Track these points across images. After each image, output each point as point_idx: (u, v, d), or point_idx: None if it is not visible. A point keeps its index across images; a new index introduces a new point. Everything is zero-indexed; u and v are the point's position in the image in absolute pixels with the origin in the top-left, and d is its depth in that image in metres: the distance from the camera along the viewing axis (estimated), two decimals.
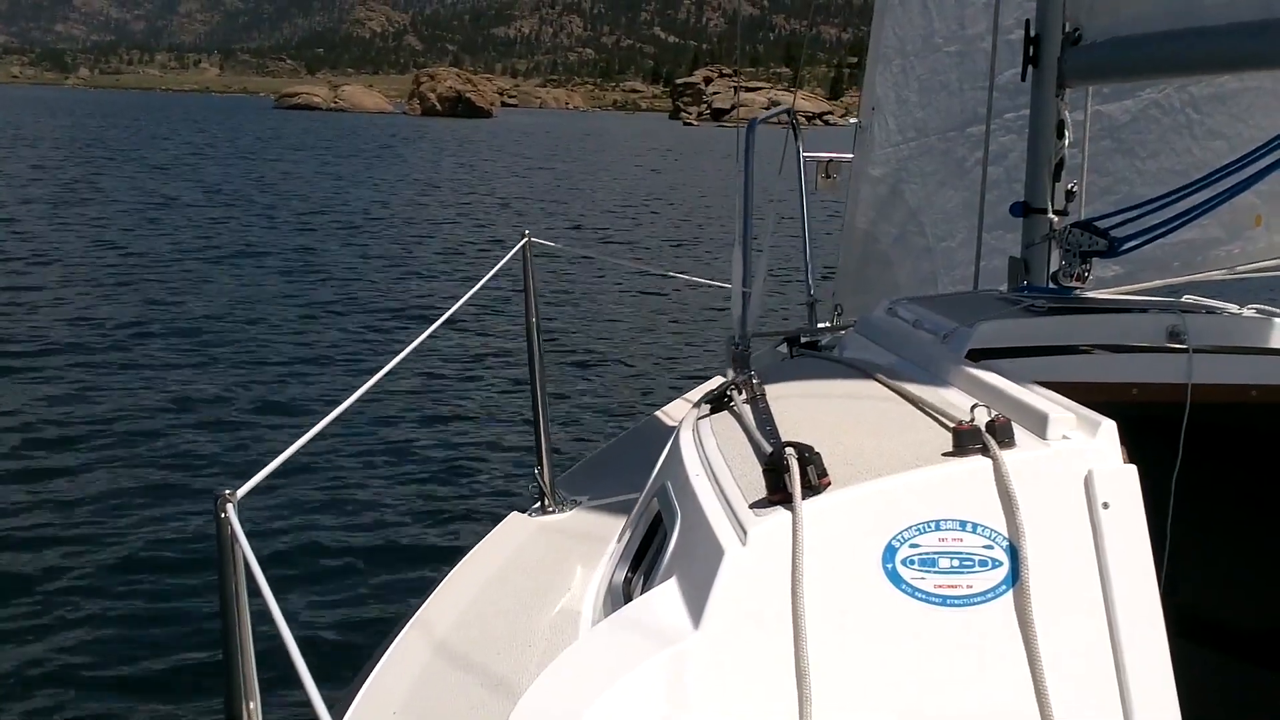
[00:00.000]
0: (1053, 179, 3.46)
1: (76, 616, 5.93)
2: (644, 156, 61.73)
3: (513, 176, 42.15)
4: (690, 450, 2.31)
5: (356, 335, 12.87)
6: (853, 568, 1.76)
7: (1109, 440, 1.87)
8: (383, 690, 2.50)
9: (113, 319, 12.96)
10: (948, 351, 2.53)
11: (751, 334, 3.85)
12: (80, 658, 5.54)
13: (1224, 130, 4.54)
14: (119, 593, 6.21)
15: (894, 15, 5.29)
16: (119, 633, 5.79)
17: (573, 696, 1.72)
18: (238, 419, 9.40)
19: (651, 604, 1.91)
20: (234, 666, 1.91)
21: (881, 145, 5.42)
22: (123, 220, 22.40)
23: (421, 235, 22.37)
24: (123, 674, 5.44)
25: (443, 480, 8.25)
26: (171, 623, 5.90)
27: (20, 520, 7.10)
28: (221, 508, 1.88)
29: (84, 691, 5.28)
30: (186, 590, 6.20)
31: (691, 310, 15.10)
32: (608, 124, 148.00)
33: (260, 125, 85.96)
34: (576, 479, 3.99)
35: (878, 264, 5.55)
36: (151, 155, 45.27)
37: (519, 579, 3.03)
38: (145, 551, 6.72)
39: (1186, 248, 4.47)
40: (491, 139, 77.57)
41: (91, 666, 5.47)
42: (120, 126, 70.92)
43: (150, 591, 6.23)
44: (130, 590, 6.24)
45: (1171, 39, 3.04)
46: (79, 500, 7.48)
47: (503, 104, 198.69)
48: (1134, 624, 1.75)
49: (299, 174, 37.24)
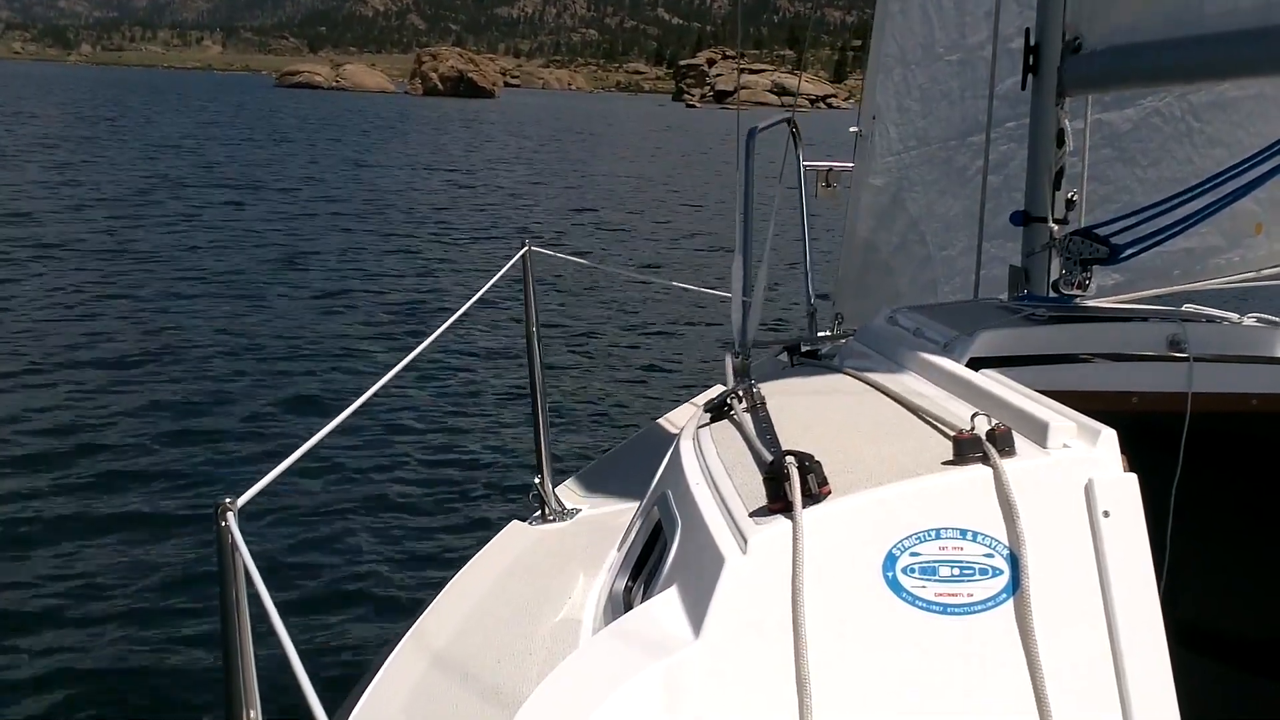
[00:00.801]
0: (1053, 187, 3.46)
1: (76, 623, 5.93)
2: (646, 138, 61.50)
3: (517, 161, 42.06)
4: (690, 459, 2.31)
5: (355, 343, 12.85)
6: (853, 576, 1.76)
7: (1109, 449, 1.87)
8: (383, 699, 2.50)
9: (107, 327, 12.91)
10: (948, 360, 2.53)
11: (751, 342, 3.85)
12: (80, 665, 5.54)
13: (1224, 138, 4.54)
14: (119, 601, 6.20)
15: (894, 24, 5.30)
16: (119, 640, 5.79)
17: (573, 705, 1.72)
18: (237, 427, 9.39)
19: (652, 613, 1.91)
20: (234, 674, 1.91)
21: (882, 154, 5.42)
22: (105, 215, 22.20)
23: (419, 231, 22.24)
24: (122, 681, 5.44)
25: (443, 489, 8.25)
26: (172, 631, 5.89)
27: (20, 528, 7.09)
28: (222, 516, 1.88)
29: (83, 698, 5.28)
30: (187, 598, 6.20)
31: (691, 318, 15.10)
32: (610, 106, 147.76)
33: (260, 104, 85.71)
34: (577, 487, 3.99)
35: (878, 272, 5.55)
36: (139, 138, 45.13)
37: (519, 587, 3.03)
38: (145, 559, 6.72)
39: (1187, 256, 4.47)
40: (494, 120, 77.37)
41: (91, 674, 5.47)
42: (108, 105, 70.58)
43: (150, 600, 6.22)
44: (130, 598, 6.23)
45: (1171, 47, 3.05)
46: (78, 508, 7.47)
47: (505, 84, 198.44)
48: (1134, 633, 1.75)
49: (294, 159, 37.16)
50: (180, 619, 6.01)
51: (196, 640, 5.74)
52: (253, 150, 41.09)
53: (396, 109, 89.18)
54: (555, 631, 2.69)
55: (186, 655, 5.63)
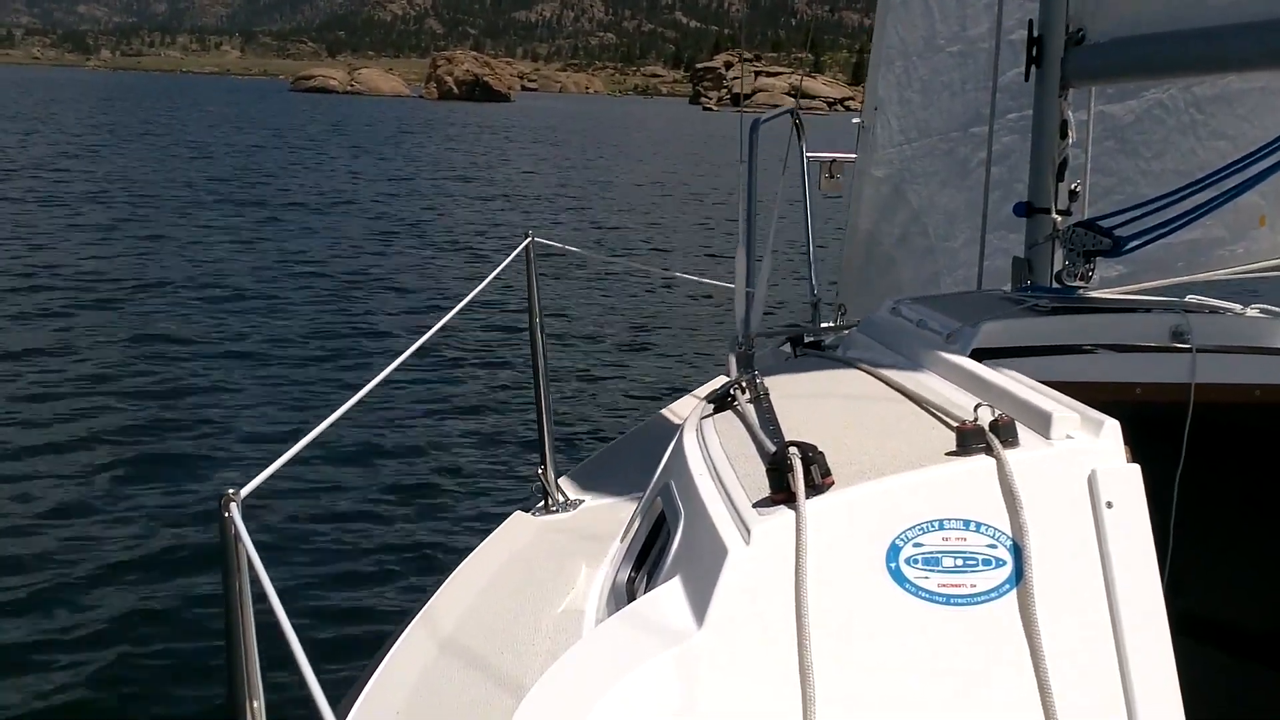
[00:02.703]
0: (1056, 179, 3.46)
1: (79, 615, 5.94)
2: (661, 143, 61.31)
3: (523, 166, 41.98)
4: (694, 449, 2.31)
5: (359, 334, 12.87)
6: (856, 567, 1.77)
7: (1113, 440, 1.88)
8: (386, 689, 2.51)
9: (112, 319, 12.93)
10: (951, 351, 2.54)
11: (755, 333, 3.86)
12: (82, 656, 5.55)
13: (1228, 130, 4.54)
14: (122, 592, 6.21)
15: (896, 16, 5.29)
16: (122, 631, 5.80)
17: (576, 695, 1.72)
18: (241, 418, 9.40)
19: (655, 603, 1.92)
20: (237, 665, 1.91)
21: (884, 146, 5.42)
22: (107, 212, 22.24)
23: (424, 230, 22.28)
24: (126, 672, 5.45)
25: (446, 479, 8.26)
26: (175, 622, 5.90)
27: (21, 520, 7.10)
28: (225, 507, 1.89)
29: (86, 690, 5.29)
30: (190, 589, 6.21)
31: (695, 309, 15.10)
32: (626, 109, 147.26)
33: (268, 108, 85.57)
34: (580, 478, 4.00)
35: (881, 264, 5.55)
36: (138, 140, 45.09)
37: (522, 578, 3.04)
38: (148, 551, 6.73)
39: (1190, 248, 4.47)
40: (507, 125, 77.08)
41: (94, 665, 5.48)
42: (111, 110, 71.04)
43: (153, 591, 6.23)
44: (133, 589, 6.24)
45: (1175, 39, 3.05)
46: (81, 499, 7.49)
47: (523, 88, 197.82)
48: (1137, 623, 1.75)
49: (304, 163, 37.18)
50: (183, 609, 6.02)
51: (200, 630, 5.75)
52: (256, 151, 41.01)
53: (407, 113, 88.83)
54: (558, 622, 2.69)
55: (190, 646, 5.64)
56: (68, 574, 6.38)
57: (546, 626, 2.68)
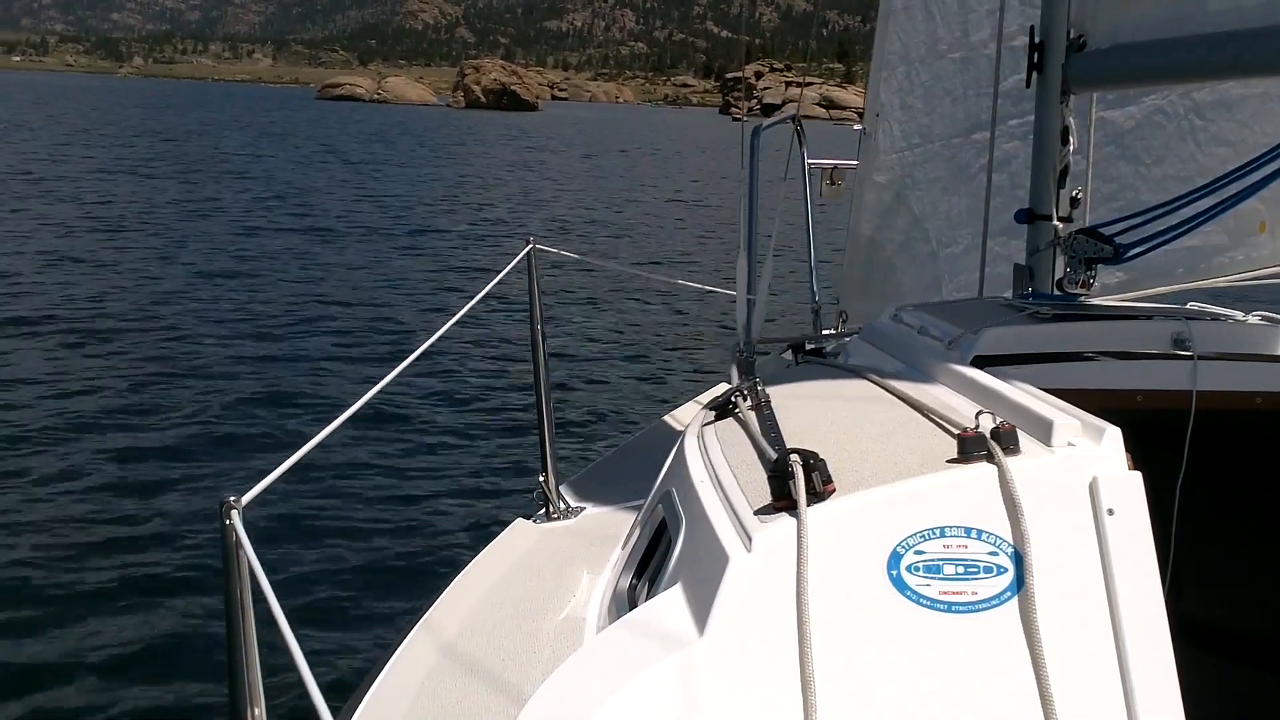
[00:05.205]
0: (1057, 185, 3.46)
1: (80, 622, 5.94)
2: (687, 155, 61.13)
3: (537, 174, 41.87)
4: (695, 456, 2.31)
5: (361, 342, 12.87)
6: (858, 574, 1.76)
7: (1114, 447, 1.88)
8: (387, 696, 2.50)
9: (114, 325, 12.94)
10: (953, 358, 2.53)
11: (756, 340, 3.86)
12: (84, 662, 5.55)
13: (1228, 136, 4.54)
14: (123, 599, 6.21)
15: (897, 22, 5.30)
16: (124, 638, 5.80)
17: (578, 702, 1.72)
18: (242, 425, 9.40)
19: (656, 610, 1.91)
20: (238, 672, 1.91)
21: (886, 152, 5.42)
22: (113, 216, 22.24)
23: (428, 240, 22.31)
24: (127, 679, 5.44)
25: (448, 486, 8.25)
26: (176, 629, 5.90)
27: (22, 526, 7.10)
28: (226, 514, 1.89)
29: (87, 696, 5.29)
30: (191, 596, 6.21)
31: (696, 316, 15.10)
32: (655, 118, 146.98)
33: (293, 118, 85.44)
34: (581, 485, 3.99)
35: (882, 270, 5.55)
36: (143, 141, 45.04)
37: (524, 585, 3.03)
38: (150, 558, 6.73)
39: (1191, 255, 4.46)
40: (532, 134, 76.92)
41: (94, 671, 5.48)
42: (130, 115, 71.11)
43: (155, 597, 6.23)
44: (134, 596, 6.24)
45: (1176, 45, 3.04)
46: (82, 506, 7.48)
47: (553, 97, 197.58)
48: (1139, 630, 1.75)
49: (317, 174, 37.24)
50: (184, 616, 6.01)
51: (201, 638, 5.75)
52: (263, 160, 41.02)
53: (430, 122, 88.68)
54: (560, 629, 2.69)
55: (191, 653, 5.64)
56: (70, 582, 6.38)
57: (548, 634, 2.67)
